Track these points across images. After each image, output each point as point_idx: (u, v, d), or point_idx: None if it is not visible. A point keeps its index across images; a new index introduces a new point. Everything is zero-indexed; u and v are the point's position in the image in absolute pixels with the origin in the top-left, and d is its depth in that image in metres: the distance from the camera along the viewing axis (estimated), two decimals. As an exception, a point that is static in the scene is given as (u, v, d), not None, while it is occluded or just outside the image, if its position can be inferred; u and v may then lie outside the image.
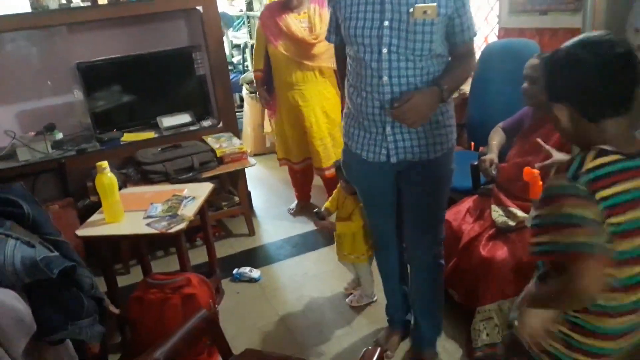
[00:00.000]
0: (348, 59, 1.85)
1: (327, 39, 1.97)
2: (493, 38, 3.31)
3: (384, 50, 1.67)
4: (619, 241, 1.12)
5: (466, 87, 3.21)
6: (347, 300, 2.68)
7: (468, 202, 2.47)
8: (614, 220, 1.11)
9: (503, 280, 2.08)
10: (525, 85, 2.21)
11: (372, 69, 1.71)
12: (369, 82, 1.74)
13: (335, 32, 1.90)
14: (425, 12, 1.61)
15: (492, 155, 2.28)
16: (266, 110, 3.63)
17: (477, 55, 3.12)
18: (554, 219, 1.14)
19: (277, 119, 3.51)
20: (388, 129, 1.78)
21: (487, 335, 2.12)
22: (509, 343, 1.46)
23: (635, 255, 1.15)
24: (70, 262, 1.58)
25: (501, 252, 2.10)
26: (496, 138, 2.39)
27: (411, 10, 1.62)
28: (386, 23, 1.65)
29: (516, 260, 2.06)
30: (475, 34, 1.77)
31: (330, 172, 3.35)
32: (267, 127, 3.62)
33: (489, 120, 2.59)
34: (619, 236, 1.12)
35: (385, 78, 1.70)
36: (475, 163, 2.40)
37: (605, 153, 1.12)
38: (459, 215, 2.41)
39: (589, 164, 1.11)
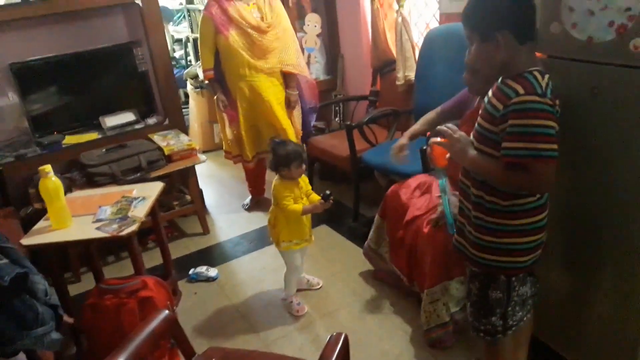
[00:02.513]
0: None
1: None
2: (434, 24, 3.37)
3: None
4: None
5: (411, 74, 3.27)
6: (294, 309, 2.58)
7: (419, 178, 2.52)
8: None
9: (447, 262, 2.14)
10: (466, 75, 2.22)
11: None
12: None
13: None
14: None
15: (403, 140, 2.34)
16: (225, 116, 3.41)
17: (420, 41, 3.20)
18: (528, 129, 1.33)
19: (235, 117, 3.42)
20: None
21: (438, 316, 2.17)
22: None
23: None
24: (22, 269, 1.51)
25: (442, 233, 2.14)
26: (422, 119, 2.42)
27: None
28: None
29: None
30: None
31: None
32: (228, 133, 3.45)
33: (434, 105, 2.63)
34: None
35: None
36: (425, 147, 2.44)
37: (543, 73, 1.39)
38: (409, 189, 2.46)
39: (543, 82, 1.37)
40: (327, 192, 2.35)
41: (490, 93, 1.48)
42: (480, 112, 1.51)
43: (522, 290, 1.61)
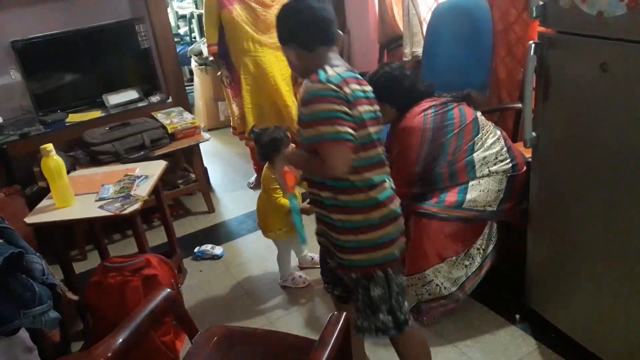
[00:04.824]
0: None
1: None
2: (442, -1, 3.30)
3: None
4: (360, 129, 1.44)
5: (419, 49, 3.21)
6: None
7: None
8: (356, 111, 1.43)
9: (438, 243, 2.11)
10: None
11: None
12: None
13: None
14: None
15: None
16: (229, 92, 3.45)
17: (429, 16, 3.13)
18: (316, 115, 1.41)
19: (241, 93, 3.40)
20: None
21: (429, 294, 2.17)
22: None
23: (370, 140, 1.48)
24: (17, 249, 1.50)
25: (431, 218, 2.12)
26: None
27: None
28: None
29: (449, 222, 2.10)
30: None
31: None
32: (234, 109, 3.45)
33: (441, 82, 2.59)
34: (359, 125, 1.44)
35: None
36: None
37: (334, 66, 1.46)
38: None
39: (330, 72, 1.43)
40: None
41: None
42: None
43: (399, 279, 1.62)
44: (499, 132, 2.19)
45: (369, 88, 1.52)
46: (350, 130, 1.40)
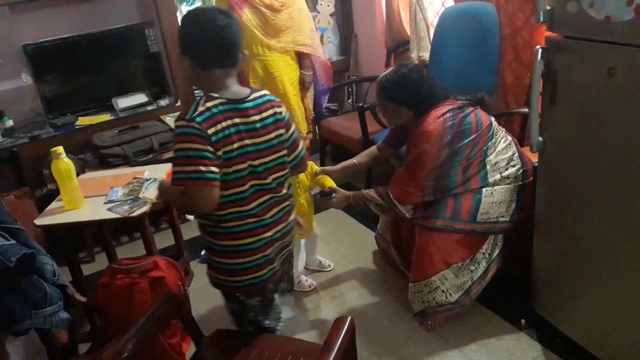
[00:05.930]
0: None
1: None
2: (450, 2, 3.30)
3: None
4: (226, 167, 1.44)
5: (426, 54, 3.21)
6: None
7: None
8: (221, 151, 1.41)
9: (445, 249, 2.11)
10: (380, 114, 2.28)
11: None
12: None
13: None
14: None
15: (328, 167, 2.49)
16: None
17: (436, 21, 3.14)
18: (178, 153, 1.40)
19: None
20: None
21: (436, 301, 2.16)
22: None
23: (234, 177, 1.47)
24: (29, 250, 1.52)
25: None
26: (363, 153, 2.58)
27: None
28: None
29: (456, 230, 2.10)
30: None
31: (306, 142, 3.42)
32: None
33: (447, 85, 2.58)
34: (225, 163, 1.43)
35: None
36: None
37: (212, 98, 1.43)
38: None
39: (201, 108, 1.40)
40: (328, 189, 2.37)
41: None
42: None
43: (254, 302, 1.67)
44: (510, 138, 2.18)
45: (254, 118, 1.49)
46: (214, 169, 1.40)
